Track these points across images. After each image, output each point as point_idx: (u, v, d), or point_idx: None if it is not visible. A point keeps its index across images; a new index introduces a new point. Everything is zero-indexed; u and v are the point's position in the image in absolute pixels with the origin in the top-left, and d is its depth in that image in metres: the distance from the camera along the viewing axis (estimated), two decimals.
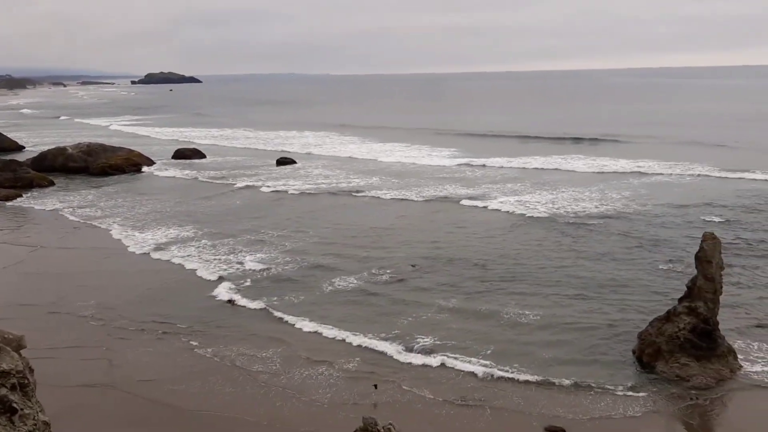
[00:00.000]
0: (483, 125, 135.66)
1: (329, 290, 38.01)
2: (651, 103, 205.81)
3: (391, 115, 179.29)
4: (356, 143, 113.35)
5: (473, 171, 79.77)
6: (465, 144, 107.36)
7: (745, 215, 53.48)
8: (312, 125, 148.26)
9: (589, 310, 34.24)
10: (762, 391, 25.83)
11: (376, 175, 78.27)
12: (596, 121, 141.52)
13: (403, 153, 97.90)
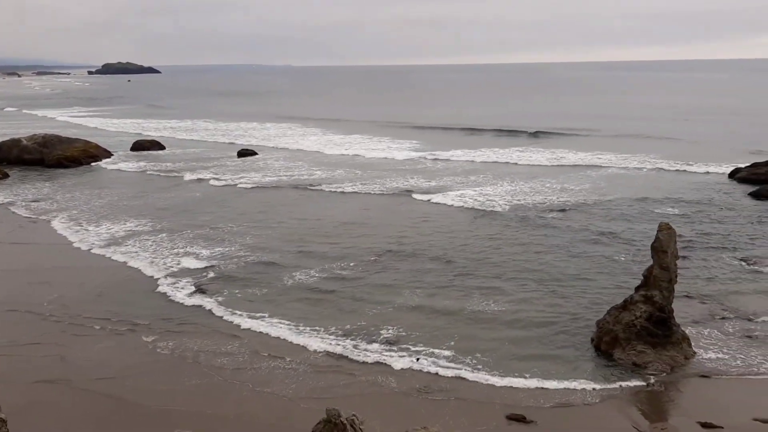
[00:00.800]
0: (444, 118, 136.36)
1: (290, 284, 37.82)
2: (609, 96, 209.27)
3: (353, 107, 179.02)
4: (318, 135, 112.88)
5: (435, 164, 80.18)
6: (426, 136, 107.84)
7: (700, 207, 54.90)
8: (274, 117, 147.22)
9: (550, 301, 34.81)
10: (714, 377, 26.62)
11: (338, 167, 78.07)
12: (556, 114, 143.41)
13: (365, 145, 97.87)
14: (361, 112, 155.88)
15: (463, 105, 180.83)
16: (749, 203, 56.61)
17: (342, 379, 26.92)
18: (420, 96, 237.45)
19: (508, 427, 23.23)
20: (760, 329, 30.77)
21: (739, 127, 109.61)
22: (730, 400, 24.91)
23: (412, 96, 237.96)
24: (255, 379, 27.01)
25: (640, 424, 23.35)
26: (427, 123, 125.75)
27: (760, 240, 45.42)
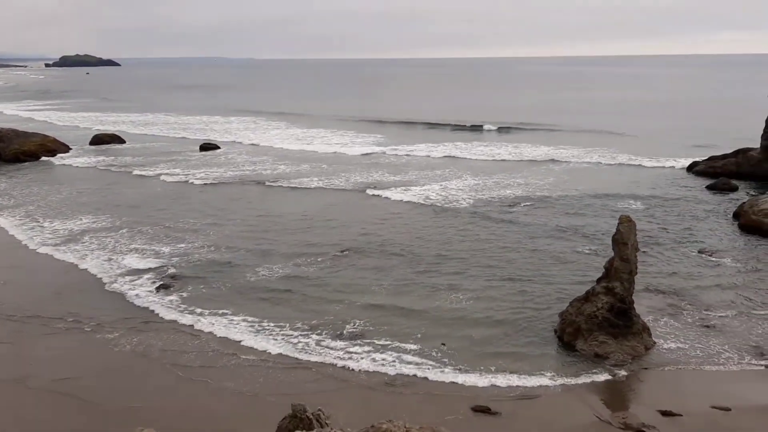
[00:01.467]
0: (408, 112, 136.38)
1: (253, 280, 37.44)
2: (570, 91, 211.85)
3: (317, 100, 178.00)
4: (281, 129, 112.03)
5: (398, 158, 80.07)
6: (390, 131, 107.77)
7: (659, 200, 55.98)
8: (237, 111, 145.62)
9: (514, 294, 35.13)
10: (674, 367, 27.19)
11: (301, 162, 77.55)
12: (519, 108, 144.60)
13: (328, 139, 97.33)
14: (325, 106, 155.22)
15: (427, 99, 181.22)
16: (707, 196, 57.92)
17: (307, 374, 26.79)
18: (384, 89, 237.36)
19: (474, 419, 23.38)
20: (718, 319, 31.52)
21: (695, 122, 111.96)
22: (689, 388, 25.47)
23: (376, 89, 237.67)
24: (219, 376, 26.70)
25: (601, 413, 23.72)
26: (391, 117, 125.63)
27: (717, 232, 46.52)
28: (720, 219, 49.87)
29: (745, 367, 27.07)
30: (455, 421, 22.49)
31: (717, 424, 22.84)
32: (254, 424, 22.63)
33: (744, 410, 23.56)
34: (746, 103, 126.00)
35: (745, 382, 25.85)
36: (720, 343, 29.11)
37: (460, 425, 21.85)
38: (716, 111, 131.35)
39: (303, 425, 15.25)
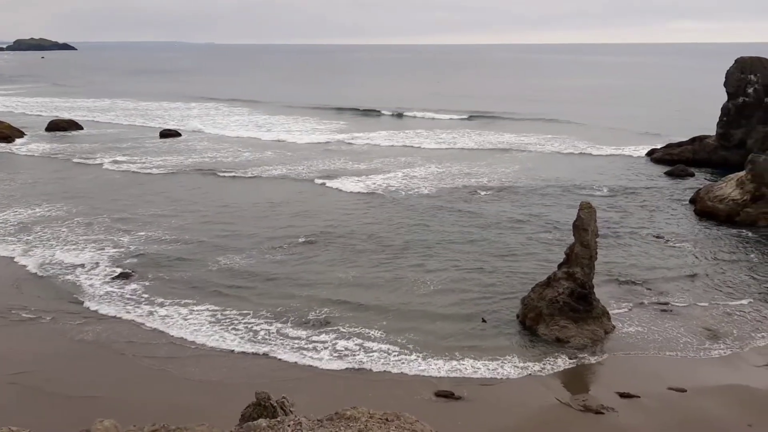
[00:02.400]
0: (371, 99, 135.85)
1: (216, 269, 37.05)
2: (533, 79, 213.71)
3: (279, 87, 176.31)
4: (243, 116, 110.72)
5: (360, 146, 79.67)
6: (353, 118, 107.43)
7: (619, 187, 56.97)
8: (198, 97, 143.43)
9: (477, 279, 35.47)
10: (633, 350, 27.82)
11: (263, 150, 76.84)
12: (482, 96, 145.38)
13: (291, 126, 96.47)
14: (287, 93, 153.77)
15: (392, 86, 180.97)
16: (664, 183, 59.18)
17: (271, 363, 26.70)
18: (349, 76, 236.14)
19: (437, 404, 23.61)
20: (675, 304, 32.30)
21: (654, 110, 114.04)
22: (646, 371, 26.09)
23: (340, 76, 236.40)
24: (181, 366, 26.44)
25: (562, 396, 24.17)
26: (355, 104, 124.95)
27: (674, 218, 47.61)
28: (677, 205, 51.01)
29: (700, 349, 27.81)
30: (419, 407, 22.66)
31: (673, 404, 23.46)
32: (218, 413, 22.44)
33: (699, 391, 24.24)
34: (703, 91, 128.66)
35: (700, 365, 26.58)
36: (676, 326, 29.87)
37: (423, 410, 22.01)
38: (674, 99, 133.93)
39: (267, 413, 15.17)
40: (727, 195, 48.31)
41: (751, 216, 45.69)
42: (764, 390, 24.43)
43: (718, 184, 51.33)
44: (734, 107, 65.40)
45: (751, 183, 47.58)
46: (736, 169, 54.75)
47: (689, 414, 22.79)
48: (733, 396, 23.92)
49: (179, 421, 15.33)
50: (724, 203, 47.58)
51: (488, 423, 22.28)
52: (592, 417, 22.77)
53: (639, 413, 22.94)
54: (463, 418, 22.56)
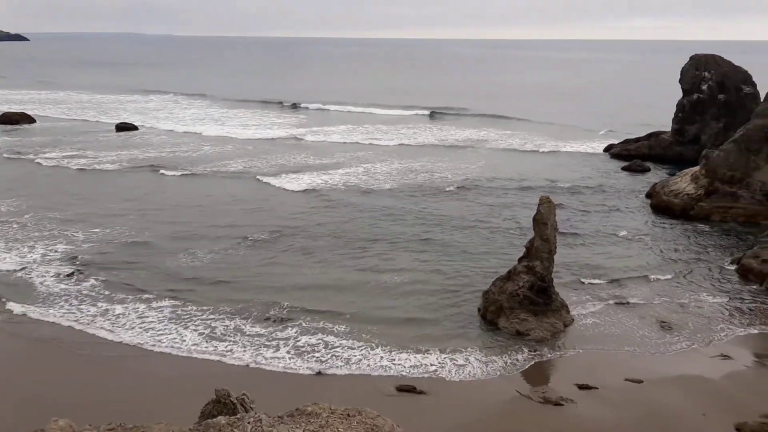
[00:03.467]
0: (330, 93, 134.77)
1: (173, 265, 36.45)
2: (493, 75, 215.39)
3: (237, 80, 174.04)
4: (200, 109, 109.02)
5: (320, 141, 79.12)
6: (312, 113, 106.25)
7: (577, 181, 57.75)
8: (154, 90, 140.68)
9: (439, 274, 35.59)
10: (591, 342, 28.25)
11: (222, 145, 75.70)
12: (442, 92, 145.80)
13: (248, 121, 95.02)
14: (247, 86, 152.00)
15: (352, 80, 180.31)
16: (622, 177, 60.25)
17: (232, 359, 26.37)
18: (309, 70, 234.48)
19: (399, 398, 23.61)
20: (631, 296, 32.91)
21: (613, 105, 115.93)
22: (604, 362, 26.52)
23: (301, 70, 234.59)
24: (139, 364, 25.94)
25: (522, 388, 24.41)
26: (314, 99, 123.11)
27: (630, 212, 48.49)
28: (634, 199, 51.97)
29: (656, 342, 28.39)
30: (381, 402, 22.62)
31: (630, 395, 23.90)
32: (177, 410, 22.04)
33: (655, 382, 24.74)
34: (661, 88, 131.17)
35: (656, 356, 27.12)
36: (633, 319, 30.44)
37: (385, 405, 21.98)
38: (631, 95, 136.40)
39: (227, 410, 14.95)
40: (681, 189, 49.39)
41: (705, 210, 46.81)
42: (717, 380, 25.06)
43: (673, 178, 52.46)
44: (689, 103, 66.88)
45: (705, 178, 48.73)
46: (691, 164, 56.05)
47: (646, 404, 23.24)
48: (688, 386, 24.48)
49: (137, 419, 15.01)
50: (679, 198, 48.64)
51: (449, 416, 22.38)
52: (552, 409, 23.06)
53: (597, 404, 23.31)
54: (425, 412, 22.62)
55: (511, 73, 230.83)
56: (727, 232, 43.52)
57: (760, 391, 24.23)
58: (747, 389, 24.36)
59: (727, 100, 65.07)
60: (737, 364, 26.33)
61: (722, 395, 23.82)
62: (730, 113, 64.40)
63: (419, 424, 20.57)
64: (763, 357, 26.91)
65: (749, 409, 22.63)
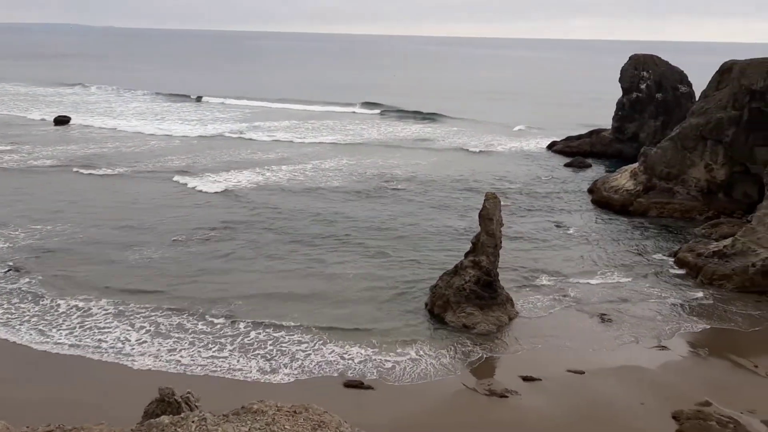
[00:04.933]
0: (275, 89, 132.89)
1: (116, 262, 35.66)
2: (439, 72, 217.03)
3: (183, 74, 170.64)
4: (142, 103, 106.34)
5: (265, 137, 78.14)
6: (258, 109, 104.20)
7: (522, 177, 58.80)
8: (94, 82, 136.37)
9: (387, 269, 35.73)
10: (535, 335, 28.80)
11: (165, 141, 74.18)
12: (391, 88, 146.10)
13: (190, 116, 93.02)
14: (191, 80, 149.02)
15: (298, 76, 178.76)
16: (564, 174, 61.58)
17: (176, 357, 25.91)
18: (254, 64, 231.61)
19: (347, 394, 23.64)
20: (573, 289, 33.71)
21: (554, 103, 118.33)
22: (547, 355, 27.11)
23: (245, 64, 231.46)
24: (80, 363, 25.26)
25: (468, 381, 24.75)
26: (258, 95, 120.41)
27: (573, 207, 49.62)
28: (575, 195, 53.20)
29: (596, 333, 29.19)
30: (329, 397, 22.60)
31: (572, 386, 24.51)
32: (119, 410, 21.57)
33: (596, 373, 25.43)
34: (600, 86, 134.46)
35: (597, 347, 27.87)
36: (575, 311, 31.20)
37: (333, 401, 21.95)
38: (573, 94, 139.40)
39: (171, 409, 14.69)
40: (621, 186, 50.82)
41: (643, 205, 48.28)
42: (655, 370, 25.93)
43: (613, 175, 53.93)
44: (628, 102, 68.83)
45: (644, 174, 50.26)
46: (630, 161, 57.74)
47: (587, 395, 23.87)
48: (628, 376, 25.25)
49: (78, 420, 14.64)
50: (619, 193, 50.04)
51: (397, 411, 22.52)
52: (497, 400, 23.46)
53: (541, 395, 23.83)
54: (372, 407, 22.70)
55: (452, 70, 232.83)
56: (664, 227, 45.00)
57: (695, 379, 25.19)
58: (683, 378, 25.29)
59: (665, 99, 67.24)
60: (674, 355, 27.29)
61: (660, 385, 24.66)
62: (667, 112, 66.56)
63: (367, 419, 20.61)
64: (698, 347, 27.96)
65: (685, 398, 23.49)
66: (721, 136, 47.32)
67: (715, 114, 47.98)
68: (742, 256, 35.30)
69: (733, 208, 46.70)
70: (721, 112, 47.66)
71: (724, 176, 47.64)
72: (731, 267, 34.91)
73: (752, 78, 45.50)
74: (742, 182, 47.31)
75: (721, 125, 47.32)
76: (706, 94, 50.84)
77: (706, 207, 47.18)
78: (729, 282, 34.36)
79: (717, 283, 34.56)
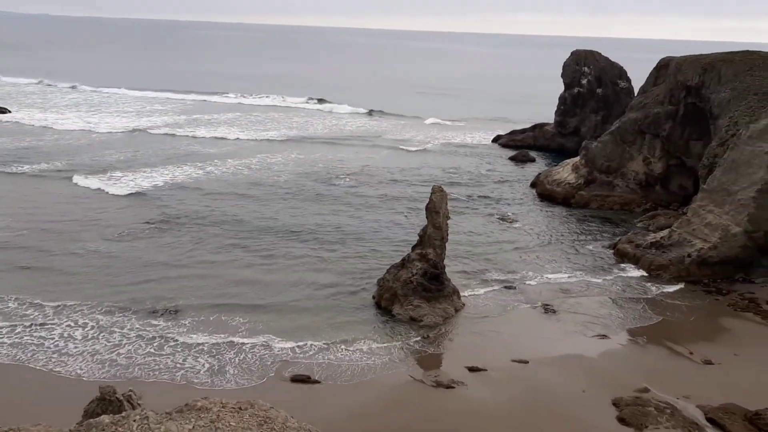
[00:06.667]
0: (219, 82, 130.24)
1: (51, 259, 34.66)
2: (385, 65, 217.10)
3: (117, 65, 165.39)
4: (79, 94, 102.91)
5: (210, 131, 76.86)
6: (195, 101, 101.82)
7: (467, 171, 59.43)
8: (30, 73, 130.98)
9: (335, 262, 35.63)
10: (481, 326, 29.22)
11: (96, 135, 71.86)
12: (336, 82, 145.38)
13: (127, 108, 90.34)
14: (125, 72, 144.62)
15: (238, 68, 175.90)
16: (509, 167, 62.50)
17: (117, 356, 25.27)
18: (194, 56, 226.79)
19: (294, 388, 23.49)
20: (518, 281, 34.29)
21: (499, 97, 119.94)
22: (492, 345, 27.51)
23: (185, 55, 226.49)
24: (16, 364, 24.38)
25: (415, 373, 24.92)
26: (196, 87, 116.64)
27: (517, 200, 50.44)
28: (520, 188, 54.08)
29: (540, 323, 29.78)
30: (276, 392, 22.44)
31: (517, 375, 24.94)
32: (58, 410, 20.93)
33: (539, 362, 25.94)
34: (543, 81, 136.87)
35: (540, 337, 28.43)
36: (519, 302, 31.75)
37: (280, 396, 21.84)
38: (516, 88, 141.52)
39: (112, 408, 14.32)
40: (563, 179, 51.90)
41: (585, 198, 49.42)
42: (595, 358, 26.62)
43: (556, 168, 55.04)
44: (570, 97, 70.26)
45: (585, 168, 51.44)
46: (572, 154, 58.99)
47: (531, 383, 24.32)
48: (570, 365, 25.84)
49: (14, 420, 14.12)
50: (561, 186, 51.10)
51: (344, 404, 22.50)
52: (444, 391, 23.69)
53: (487, 385, 24.17)
54: (320, 401, 22.62)
55: (398, 64, 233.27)
56: (605, 219, 46.17)
57: (634, 367, 25.96)
58: (623, 366, 26.04)
59: (605, 94, 68.89)
60: (613, 343, 28.06)
61: (600, 372, 25.33)
62: (607, 106, 68.24)
63: (314, 413, 20.54)
64: (636, 335, 28.82)
65: (625, 385, 24.19)
66: (659, 131, 48.81)
67: (652, 109, 49.44)
68: (678, 246, 36.54)
69: (670, 200, 48.30)
70: (658, 107, 49.15)
71: (661, 169, 49.18)
72: (668, 257, 36.10)
73: (688, 74, 47.04)
74: (678, 175, 48.98)
75: (659, 120, 48.80)
76: (644, 90, 52.36)
77: (644, 199, 48.65)
78: (666, 272, 35.52)
79: (655, 273, 35.68)
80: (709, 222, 36.27)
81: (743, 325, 30.04)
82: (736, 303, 32.27)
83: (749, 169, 35.67)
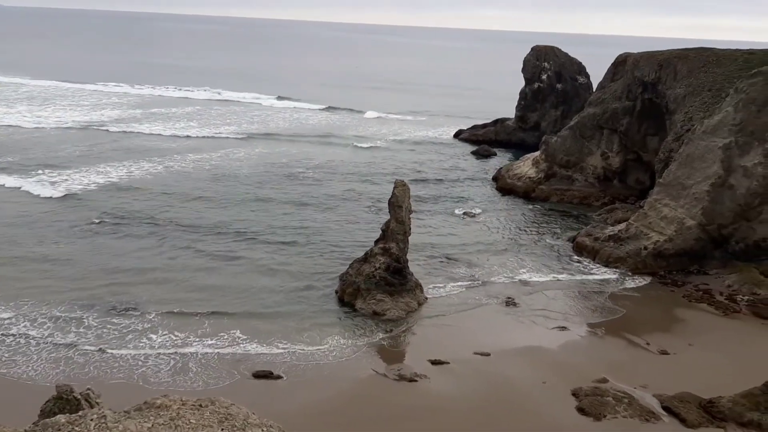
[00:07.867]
0: (180, 75, 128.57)
1: (4, 257, 33.75)
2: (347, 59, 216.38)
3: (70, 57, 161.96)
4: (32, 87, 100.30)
5: (169, 125, 75.89)
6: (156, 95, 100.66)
7: (430, 165, 59.69)
8: None
9: (297, 258, 35.47)
10: (443, 319, 29.43)
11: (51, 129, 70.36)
12: (299, 77, 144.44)
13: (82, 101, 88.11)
14: (78, 64, 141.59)
15: (198, 61, 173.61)
16: (470, 161, 62.96)
17: (75, 355, 24.79)
18: (153, 48, 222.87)
19: (256, 384, 23.35)
20: (480, 274, 34.60)
21: (461, 92, 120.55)
22: (455, 338, 27.73)
23: (143, 48, 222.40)
24: None
25: (378, 367, 24.98)
26: (152, 81, 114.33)
27: (479, 194, 50.86)
28: (481, 182, 54.54)
29: (502, 316, 30.13)
30: (237, 389, 22.29)
31: (479, 368, 25.19)
32: (14, 410, 20.46)
33: (501, 354, 26.24)
34: (505, 76, 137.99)
35: (502, 330, 28.78)
36: (480, 295, 32.05)
37: (242, 392, 21.70)
38: (479, 82, 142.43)
39: (70, 407, 14.03)
40: (524, 173, 52.50)
41: (545, 192, 50.09)
42: (555, 350, 27.04)
43: (517, 163, 55.64)
44: (530, 92, 71.02)
45: (545, 162, 52.11)
46: (533, 149, 59.68)
47: (493, 376, 24.60)
48: (530, 357, 26.20)
49: None
50: (522, 181, 51.69)
51: (306, 399, 22.45)
52: (407, 385, 23.80)
53: (449, 378, 24.36)
54: (282, 396, 22.54)
55: (363, 58, 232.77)
56: (565, 213, 46.86)
57: (592, 358, 26.45)
58: (582, 357, 26.50)
59: (564, 89, 69.82)
60: (573, 335, 28.54)
61: (560, 364, 25.73)
62: (566, 102, 69.17)
63: (276, 408, 20.45)
64: (595, 327, 29.36)
65: (584, 375, 24.63)
66: (616, 126, 49.68)
67: (610, 104, 50.29)
68: (635, 239, 37.30)
69: (627, 194, 49.25)
70: (616, 103, 50.01)
71: (619, 164, 50.10)
72: (625, 250, 36.83)
73: (644, 70, 47.96)
74: (636, 169, 49.96)
75: (616, 115, 49.66)
76: (603, 86, 53.22)
77: (603, 193, 49.50)
78: (623, 264, 36.23)
79: (613, 265, 36.38)
80: (665, 215, 37.09)
81: (697, 316, 30.83)
82: (691, 294, 33.09)
83: (703, 163, 36.55)
